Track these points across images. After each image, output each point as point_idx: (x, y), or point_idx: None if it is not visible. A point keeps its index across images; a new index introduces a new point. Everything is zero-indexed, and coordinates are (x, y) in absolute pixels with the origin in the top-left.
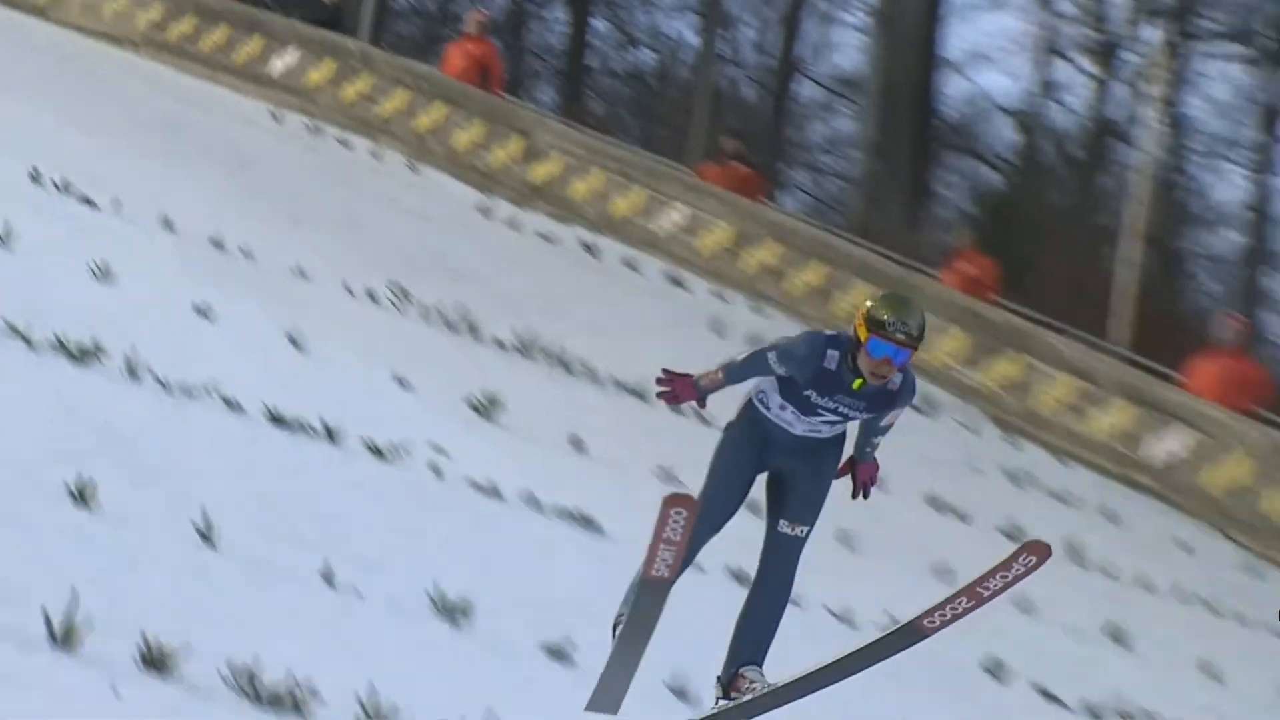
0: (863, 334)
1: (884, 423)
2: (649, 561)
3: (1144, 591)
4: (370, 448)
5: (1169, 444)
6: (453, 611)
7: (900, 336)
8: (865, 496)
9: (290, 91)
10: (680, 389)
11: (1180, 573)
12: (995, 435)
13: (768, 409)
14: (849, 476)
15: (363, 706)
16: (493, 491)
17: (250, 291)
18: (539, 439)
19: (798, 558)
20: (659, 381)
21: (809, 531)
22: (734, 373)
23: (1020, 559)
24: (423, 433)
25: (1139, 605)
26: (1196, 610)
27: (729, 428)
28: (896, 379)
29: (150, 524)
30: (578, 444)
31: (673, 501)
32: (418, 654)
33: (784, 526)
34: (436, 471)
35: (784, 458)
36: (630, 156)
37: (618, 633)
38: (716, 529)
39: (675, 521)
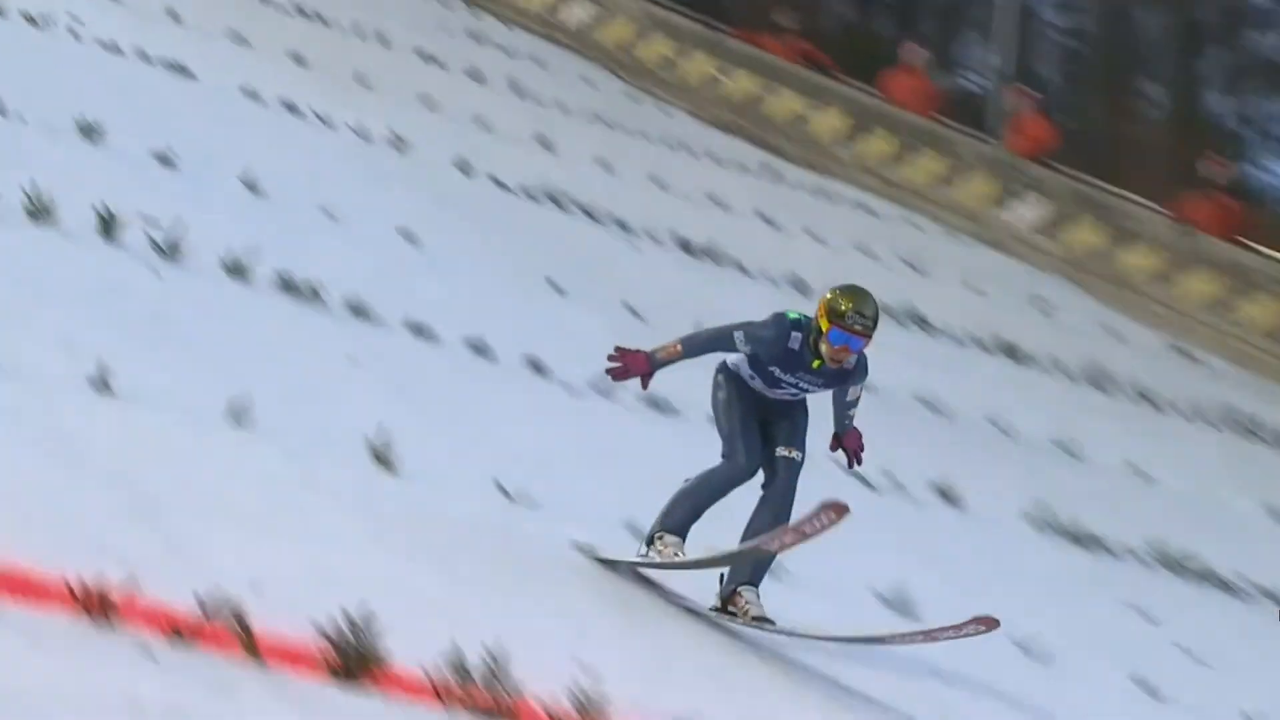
0: (824, 324)
1: (849, 398)
2: (775, 537)
3: (560, 112)
4: (26, 18)
5: (578, 13)
6: (89, 131)
7: (858, 328)
8: (859, 463)
9: None
10: (631, 364)
11: (586, 101)
12: (462, 9)
13: (739, 373)
14: (840, 450)
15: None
16: (114, 48)
17: None
18: (146, 13)
19: (796, 481)
20: (610, 359)
21: (803, 457)
22: (695, 348)
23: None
24: (64, 7)
25: (559, 122)
26: (598, 126)
27: (719, 393)
28: (851, 360)
29: None
30: (175, 16)
31: (830, 506)
32: (70, 158)
33: (781, 451)
34: (75, 35)
35: (762, 411)
36: None
37: (674, 555)
38: (752, 473)
39: (821, 522)
